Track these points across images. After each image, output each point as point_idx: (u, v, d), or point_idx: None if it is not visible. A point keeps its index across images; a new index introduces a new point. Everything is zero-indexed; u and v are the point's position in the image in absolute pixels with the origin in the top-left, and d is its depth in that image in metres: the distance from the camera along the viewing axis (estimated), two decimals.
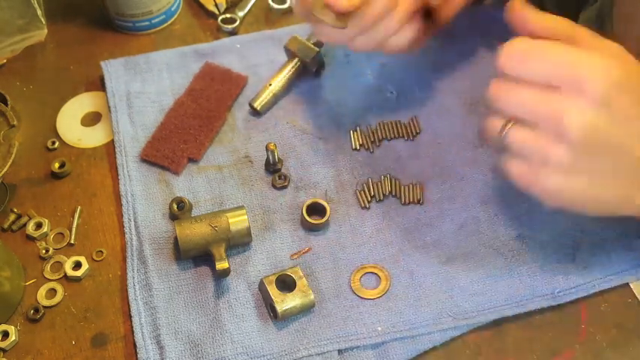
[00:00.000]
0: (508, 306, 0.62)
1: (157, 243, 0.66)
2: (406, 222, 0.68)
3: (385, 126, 0.75)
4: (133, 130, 0.75)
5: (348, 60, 0.81)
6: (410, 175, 0.71)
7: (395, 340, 0.61)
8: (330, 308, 0.63)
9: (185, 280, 0.64)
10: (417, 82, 0.78)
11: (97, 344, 0.62)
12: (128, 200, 0.69)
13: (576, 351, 0.61)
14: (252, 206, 0.69)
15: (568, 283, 0.63)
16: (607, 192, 0.53)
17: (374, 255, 0.66)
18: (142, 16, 0.83)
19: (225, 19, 0.86)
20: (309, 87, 0.79)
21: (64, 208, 0.70)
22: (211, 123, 0.74)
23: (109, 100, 0.77)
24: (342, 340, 0.61)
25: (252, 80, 0.79)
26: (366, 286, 0.64)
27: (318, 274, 0.65)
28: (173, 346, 0.60)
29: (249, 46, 0.83)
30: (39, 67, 0.82)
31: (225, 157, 0.73)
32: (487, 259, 0.65)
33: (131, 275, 0.64)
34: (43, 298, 0.64)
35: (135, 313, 0.62)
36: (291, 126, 0.75)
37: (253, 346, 0.60)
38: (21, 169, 0.73)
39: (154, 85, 0.79)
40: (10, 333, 0.61)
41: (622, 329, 0.62)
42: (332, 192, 0.70)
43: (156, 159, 0.72)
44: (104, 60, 0.81)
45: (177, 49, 0.82)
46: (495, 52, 0.78)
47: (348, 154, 0.73)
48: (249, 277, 0.64)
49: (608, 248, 0.65)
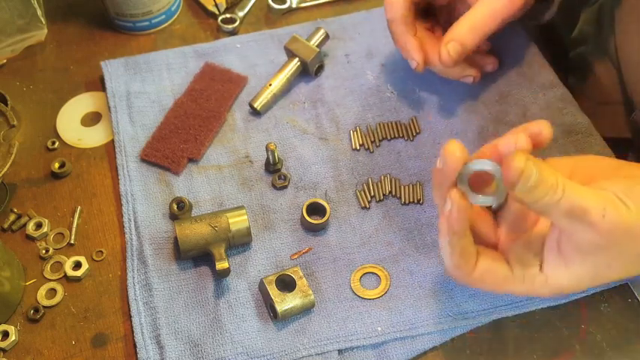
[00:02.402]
0: (508, 306, 0.62)
1: (157, 243, 0.66)
2: (406, 222, 0.68)
3: (385, 126, 0.75)
4: (133, 130, 0.75)
5: (348, 60, 0.81)
6: (410, 175, 0.71)
7: (395, 340, 0.61)
8: (330, 308, 0.63)
9: (185, 280, 0.64)
10: (417, 82, 0.78)
11: (97, 344, 0.62)
12: (128, 200, 0.69)
13: (576, 351, 0.61)
14: (252, 206, 0.69)
15: None
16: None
17: (374, 255, 0.66)
18: (142, 16, 0.83)
19: (225, 19, 0.85)
20: (309, 87, 0.79)
21: (64, 208, 0.70)
22: (211, 123, 0.74)
23: (109, 100, 0.77)
24: (342, 340, 0.61)
25: (252, 80, 0.79)
26: (366, 286, 0.64)
27: (318, 274, 0.65)
28: (173, 346, 0.60)
29: (249, 46, 0.83)
30: (39, 67, 0.82)
31: (225, 157, 0.73)
32: None
33: (131, 275, 0.64)
34: (43, 298, 0.64)
35: (135, 313, 0.62)
36: (291, 126, 0.75)
37: (253, 346, 0.60)
38: (21, 169, 0.73)
39: (154, 85, 0.79)
40: (10, 333, 0.61)
41: (622, 329, 0.62)
42: (332, 192, 0.70)
43: (156, 159, 0.72)
44: (104, 60, 0.81)
45: (177, 49, 0.82)
46: (495, 53, 0.79)
47: (348, 154, 0.73)
48: (249, 277, 0.64)
49: None
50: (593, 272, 0.53)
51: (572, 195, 0.48)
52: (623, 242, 0.51)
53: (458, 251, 0.53)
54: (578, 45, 0.87)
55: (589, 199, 0.49)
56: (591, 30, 0.85)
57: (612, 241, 0.50)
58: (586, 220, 0.49)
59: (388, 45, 0.82)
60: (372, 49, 0.82)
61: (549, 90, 0.77)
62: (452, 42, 0.67)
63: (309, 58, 0.77)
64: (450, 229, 0.52)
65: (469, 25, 0.67)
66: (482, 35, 0.68)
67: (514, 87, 0.78)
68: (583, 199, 0.49)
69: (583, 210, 0.48)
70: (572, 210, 0.49)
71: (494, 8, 0.67)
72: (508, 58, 0.80)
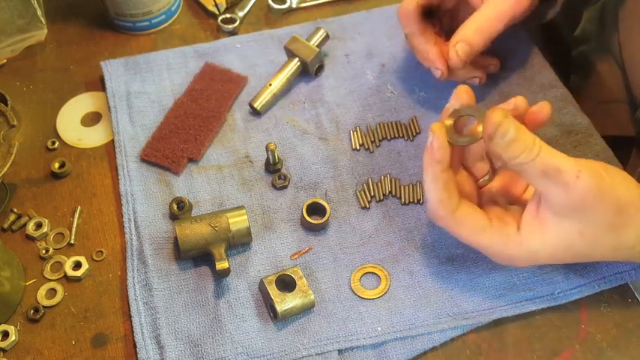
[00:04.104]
0: (508, 306, 0.62)
1: (157, 243, 0.66)
2: (406, 222, 0.68)
3: (385, 126, 0.75)
4: (133, 130, 0.75)
5: (348, 60, 0.81)
6: (410, 175, 0.71)
7: (395, 340, 0.61)
8: (330, 308, 0.63)
9: (185, 280, 0.64)
10: (417, 82, 0.78)
11: (97, 344, 0.62)
12: (128, 200, 0.69)
13: (576, 351, 0.61)
14: (252, 206, 0.69)
15: (568, 283, 0.63)
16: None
17: (374, 255, 0.66)
18: (142, 16, 0.83)
19: (225, 19, 0.85)
20: (309, 87, 0.79)
21: (64, 208, 0.70)
22: (211, 123, 0.74)
23: (109, 100, 0.77)
24: (342, 340, 0.61)
25: (252, 80, 0.79)
26: (366, 286, 0.64)
27: (318, 274, 0.65)
28: (173, 346, 0.60)
29: (249, 46, 0.83)
30: (39, 67, 0.82)
31: (225, 157, 0.73)
32: (487, 259, 0.65)
33: (131, 275, 0.64)
34: (43, 298, 0.64)
35: (135, 313, 0.62)
36: (291, 126, 0.76)
37: (253, 346, 0.60)
38: (21, 169, 0.73)
39: (154, 85, 0.79)
40: (10, 333, 0.61)
41: (622, 329, 0.62)
42: (332, 192, 0.70)
43: (156, 159, 0.72)
44: (104, 60, 0.81)
45: (177, 49, 0.82)
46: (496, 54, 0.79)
47: (348, 154, 0.73)
48: (249, 277, 0.64)
49: None
50: (566, 240, 0.55)
51: (548, 155, 0.52)
52: (595, 207, 0.53)
53: (440, 184, 0.56)
54: (580, 44, 0.87)
55: (564, 161, 0.52)
56: (594, 28, 0.85)
57: (584, 204, 0.52)
58: (560, 180, 0.52)
59: (388, 45, 0.82)
60: (372, 49, 0.82)
61: (549, 90, 0.77)
62: (460, 43, 0.68)
63: (309, 58, 0.77)
64: (433, 158, 0.56)
65: (476, 26, 0.68)
66: (490, 36, 0.68)
67: (514, 87, 0.78)
68: (558, 161, 0.52)
69: (557, 170, 0.52)
70: (547, 170, 0.52)
71: (500, 10, 0.68)
72: (508, 59, 0.80)
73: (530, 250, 0.56)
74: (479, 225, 0.57)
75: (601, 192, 0.52)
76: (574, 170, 0.52)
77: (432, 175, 0.56)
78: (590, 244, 0.55)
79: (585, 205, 0.52)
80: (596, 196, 0.52)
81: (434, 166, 0.56)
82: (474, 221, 0.57)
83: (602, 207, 0.53)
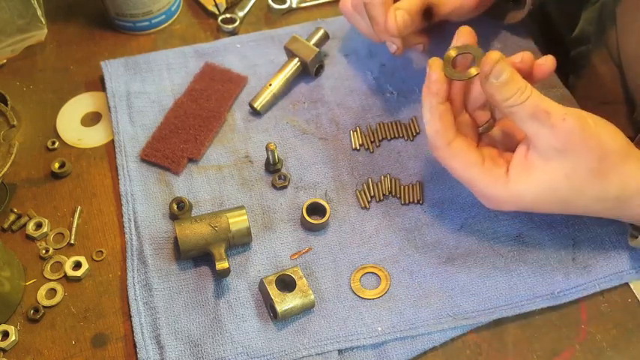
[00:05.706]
0: (508, 306, 0.62)
1: (157, 243, 0.66)
2: (406, 222, 0.68)
3: (385, 126, 0.75)
4: (132, 130, 0.75)
5: (348, 60, 0.81)
6: (410, 175, 0.71)
7: (395, 340, 0.61)
8: (330, 308, 0.63)
9: (185, 280, 0.64)
10: (417, 82, 0.78)
11: (97, 344, 0.62)
12: (128, 200, 0.69)
13: (576, 351, 0.61)
14: (252, 206, 0.69)
15: (568, 283, 0.63)
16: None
17: (374, 255, 0.66)
18: (142, 16, 0.83)
19: (225, 19, 0.86)
20: (309, 87, 0.79)
21: (64, 208, 0.70)
22: (211, 123, 0.74)
23: (109, 100, 0.77)
24: (342, 340, 0.61)
25: (252, 80, 0.79)
26: (366, 286, 0.64)
27: (318, 274, 0.65)
28: (173, 346, 0.60)
29: (249, 46, 0.83)
30: (39, 67, 0.82)
31: (225, 157, 0.73)
32: (487, 259, 0.65)
33: (131, 275, 0.64)
34: (43, 298, 0.64)
35: (135, 313, 0.62)
36: (291, 126, 0.76)
37: (253, 346, 0.60)
38: (21, 169, 0.73)
39: (154, 85, 0.79)
40: (10, 333, 0.61)
41: (622, 329, 0.62)
42: (332, 192, 0.70)
43: (156, 159, 0.72)
44: (104, 60, 0.81)
45: (177, 49, 0.82)
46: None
47: (348, 154, 0.73)
48: (249, 277, 0.64)
49: (608, 248, 0.65)
50: (551, 182, 0.56)
51: (538, 99, 0.55)
52: (579, 150, 0.55)
53: (437, 115, 0.59)
54: (579, 44, 0.87)
55: (553, 105, 0.55)
56: (592, 29, 0.85)
57: (569, 145, 0.55)
58: (548, 122, 0.54)
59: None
60: (372, 49, 0.82)
61: (549, 90, 0.77)
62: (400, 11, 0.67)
63: (309, 58, 0.77)
64: (430, 91, 0.59)
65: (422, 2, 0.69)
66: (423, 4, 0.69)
67: None
68: (547, 104, 0.55)
69: (546, 112, 0.54)
70: (536, 112, 0.55)
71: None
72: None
73: (516, 191, 0.58)
74: (471, 161, 0.59)
75: (585, 135, 0.54)
76: (561, 113, 0.54)
77: (429, 107, 0.59)
78: (574, 190, 0.56)
79: (570, 146, 0.55)
80: (580, 137, 0.54)
81: (430, 98, 0.59)
82: (466, 156, 0.59)
83: (586, 150, 0.55)
